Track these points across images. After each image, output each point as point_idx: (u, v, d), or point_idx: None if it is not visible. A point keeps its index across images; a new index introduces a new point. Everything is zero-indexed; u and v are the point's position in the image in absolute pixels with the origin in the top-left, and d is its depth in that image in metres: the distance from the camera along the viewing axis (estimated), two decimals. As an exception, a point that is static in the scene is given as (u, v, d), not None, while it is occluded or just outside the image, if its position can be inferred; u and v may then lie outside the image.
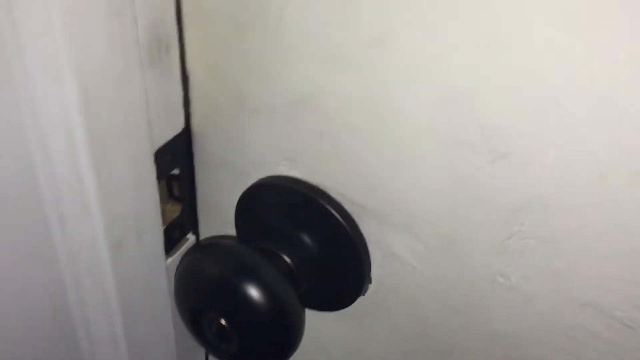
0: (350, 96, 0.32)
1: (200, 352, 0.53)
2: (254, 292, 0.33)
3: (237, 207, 0.40)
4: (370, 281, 0.39)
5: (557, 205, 0.28)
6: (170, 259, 0.44)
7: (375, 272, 0.38)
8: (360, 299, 0.39)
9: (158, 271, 0.41)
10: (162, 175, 0.40)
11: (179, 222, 0.44)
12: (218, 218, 0.44)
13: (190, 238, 0.46)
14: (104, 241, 0.34)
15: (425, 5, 0.27)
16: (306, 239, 0.38)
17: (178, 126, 0.40)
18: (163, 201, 0.43)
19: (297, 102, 0.34)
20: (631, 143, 0.25)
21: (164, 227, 0.42)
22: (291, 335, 0.35)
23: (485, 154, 0.29)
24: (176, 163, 0.41)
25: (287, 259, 0.38)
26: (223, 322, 0.34)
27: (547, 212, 0.29)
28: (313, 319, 0.43)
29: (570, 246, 0.29)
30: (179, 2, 0.35)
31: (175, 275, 0.39)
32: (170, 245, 0.44)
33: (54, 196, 0.31)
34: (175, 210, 0.45)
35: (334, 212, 0.36)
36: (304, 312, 0.36)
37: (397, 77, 0.30)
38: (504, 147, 0.28)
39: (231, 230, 0.43)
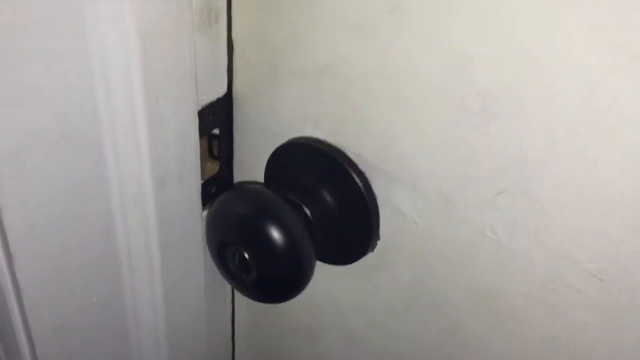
0: (367, 61, 0.37)
1: (227, 287, 0.57)
2: (274, 231, 0.38)
3: (267, 164, 0.46)
4: (378, 237, 0.43)
5: (537, 162, 0.32)
6: (205, 212, 0.49)
7: (383, 228, 0.42)
8: (369, 255, 0.44)
9: (194, 217, 0.47)
10: (204, 132, 0.45)
11: (216, 179, 0.50)
12: (251, 177, 0.50)
13: (225, 196, 0.52)
14: (149, 177, 0.40)
15: (434, -18, 0.32)
16: (324, 194, 0.43)
17: (221, 90, 0.45)
18: (203, 158, 0.48)
19: (322, 67, 0.39)
20: (600, 104, 0.29)
21: (202, 181, 0.48)
22: (302, 272, 0.39)
23: (480, 115, 0.33)
24: (217, 123, 0.47)
25: (306, 210, 0.42)
26: (246, 254, 0.39)
27: (530, 169, 0.33)
28: (324, 272, 0.47)
29: (550, 201, 0.33)
30: (229, -24, 0.41)
31: (207, 212, 0.44)
32: (207, 199, 0.49)
33: (112, 130, 0.37)
34: (213, 167, 0.50)
35: (349, 170, 0.41)
36: (314, 256, 0.41)
37: (408, 44, 0.34)
38: (495, 108, 0.32)
39: (261, 188, 0.48)
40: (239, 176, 0.51)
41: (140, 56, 0.34)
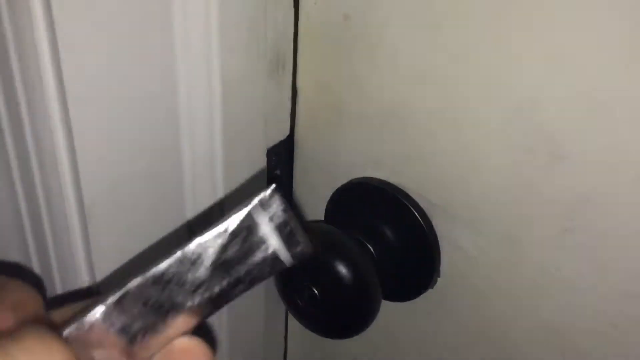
0: (430, 106, 0.39)
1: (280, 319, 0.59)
2: (344, 268, 0.40)
3: (328, 203, 0.47)
4: (439, 274, 0.44)
5: (603, 201, 0.34)
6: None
7: (443, 265, 0.44)
8: (429, 291, 0.45)
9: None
10: (268, 173, 0.47)
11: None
12: (310, 216, 0.51)
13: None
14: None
15: (497, 28, 0.34)
16: (386, 231, 0.44)
17: (284, 133, 0.48)
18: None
19: (386, 112, 0.41)
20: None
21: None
22: (370, 309, 0.41)
23: (543, 157, 0.35)
24: (279, 165, 0.49)
25: (370, 247, 0.44)
26: (315, 290, 0.41)
27: (596, 208, 0.34)
28: (383, 308, 0.48)
29: (615, 239, 0.34)
30: (297, 26, 0.43)
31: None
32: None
33: (191, 170, 0.39)
34: (273, 207, 0.52)
35: (411, 209, 0.42)
36: (381, 293, 0.42)
37: (472, 90, 0.36)
38: (561, 150, 0.34)
39: (320, 227, 0.50)
40: (297, 216, 0.53)
41: (222, 101, 0.37)
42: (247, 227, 0.22)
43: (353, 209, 0.46)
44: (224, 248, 0.22)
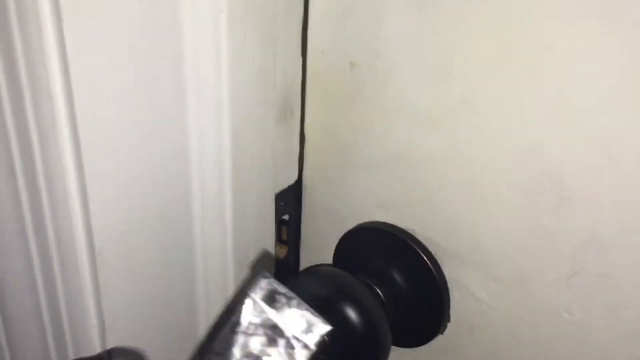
0: (437, 151, 0.39)
1: None
2: (354, 313, 0.39)
3: (336, 247, 0.47)
4: (449, 319, 0.44)
5: (614, 245, 0.33)
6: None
7: (453, 310, 0.43)
8: (439, 337, 0.44)
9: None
10: (276, 217, 0.48)
11: (284, 263, 0.52)
12: (318, 260, 0.51)
13: (292, 279, 0.53)
14: (231, 258, 0.42)
15: (503, 73, 0.34)
16: (395, 275, 0.44)
17: (292, 178, 0.48)
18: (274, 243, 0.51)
19: (393, 157, 0.42)
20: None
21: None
22: (379, 354, 0.40)
23: (551, 199, 0.35)
24: (287, 209, 0.49)
25: (379, 291, 0.44)
26: (325, 335, 0.40)
27: (606, 251, 0.34)
28: (393, 355, 0.48)
29: (627, 282, 0.34)
30: (304, 73, 0.44)
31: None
32: (275, 282, 0.51)
33: (200, 214, 0.40)
34: (282, 252, 0.52)
35: (420, 253, 0.42)
36: (390, 338, 0.42)
37: (478, 134, 0.37)
38: (568, 193, 0.34)
39: (328, 271, 0.49)
40: (305, 260, 0.53)
41: (232, 147, 0.37)
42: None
43: (361, 253, 0.46)
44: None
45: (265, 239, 0.45)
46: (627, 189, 0.32)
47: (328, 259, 0.49)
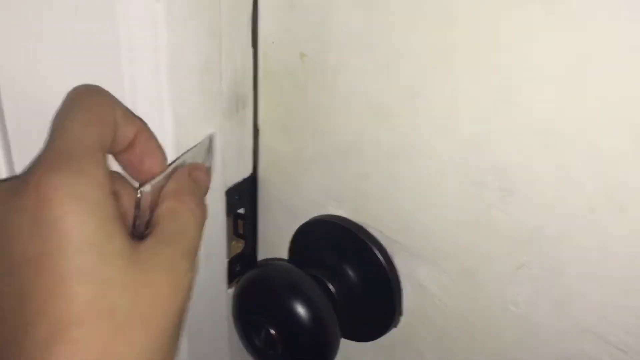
0: (387, 144, 0.39)
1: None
2: (300, 307, 0.39)
3: (291, 241, 0.47)
4: (401, 313, 0.43)
5: (555, 237, 0.33)
6: (230, 290, 0.50)
7: (405, 304, 0.43)
8: (392, 330, 0.44)
9: (220, 294, 0.48)
10: (230, 211, 0.47)
11: (241, 257, 0.51)
12: (275, 254, 0.51)
13: (249, 274, 0.53)
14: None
15: (447, 66, 0.34)
16: (347, 270, 0.44)
17: (246, 171, 0.48)
18: (229, 237, 0.50)
19: (345, 150, 0.41)
20: (615, 181, 0.30)
21: (228, 259, 0.49)
22: (328, 348, 0.40)
23: (496, 192, 0.35)
24: (242, 203, 0.49)
25: (330, 286, 0.43)
26: (272, 331, 0.40)
27: (548, 244, 0.34)
28: (347, 348, 0.47)
29: (569, 275, 0.34)
30: (256, 67, 0.44)
31: (234, 289, 0.45)
32: (232, 277, 0.50)
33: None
34: (238, 246, 0.52)
35: (372, 247, 0.42)
36: (339, 333, 0.41)
37: (426, 127, 0.37)
38: (511, 185, 0.34)
39: (284, 266, 0.49)
40: (263, 254, 0.52)
41: (174, 141, 0.37)
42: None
43: (315, 247, 0.46)
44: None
45: (217, 233, 0.44)
46: (566, 183, 0.32)
47: (285, 253, 0.49)
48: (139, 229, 0.31)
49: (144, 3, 0.32)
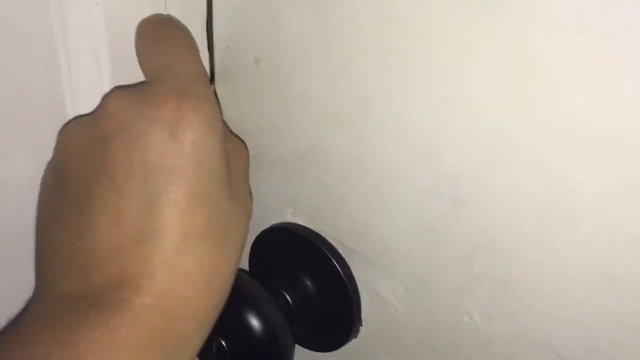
0: (342, 151, 0.38)
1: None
2: (251, 318, 0.38)
3: (250, 249, 0.46)
4: (361, 323, 0.42)
5: (507, 248, 0.33)
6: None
7: (365, 314, 0.42)
8: (352, 341, 0.43)
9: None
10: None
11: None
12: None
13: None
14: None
15: (401, 75, 0.33)
16: (305, 279, 0.43)
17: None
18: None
19: (301, 156, 0.40)
20: (565, 193, 0.30)
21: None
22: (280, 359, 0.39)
23: (448, 201, 0.34)
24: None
25: (287, 296, 0.42)
26: (223, 342, 0.39)
27: (500, 255, 0.33)
28: (305, 358, 0.46)
29: (521, 287, 0.33)
30: (213, 71, 0.43)
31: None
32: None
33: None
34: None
35: (329, 255, 0.41)
36: (293, 343, 0.40)
37: (379, 134, 0.36)
38: (462, 194, 0.33)
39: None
40: (224, 261, 0.51)
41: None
42: None
43: (273, 256, 0.45)
44: None
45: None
46: (515, 194, 0.31)
47: (245, 261, 0.48)
48: None
49: (82, 6, 0.31)
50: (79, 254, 0.27)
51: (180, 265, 0.27)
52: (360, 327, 0.43)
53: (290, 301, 0.42)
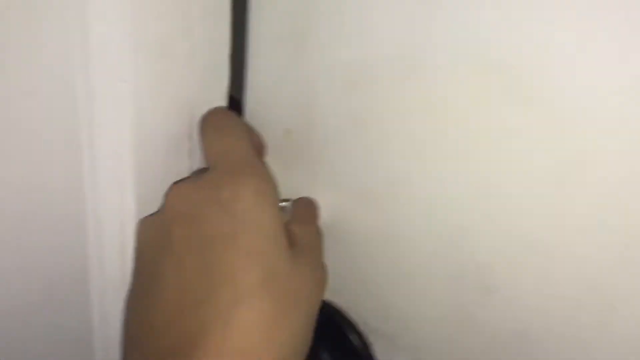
0: (369, 228, 0.38)
1: None
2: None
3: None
4: (380, 403, 0.41)
5: (538, 339, 0.32)
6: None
7: (384, 394, 0.41)
8: (370, 421, 0.42)
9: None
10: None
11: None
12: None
13: None
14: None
15: (432, 159, 0.33)
16: (323, 354, 0.42)
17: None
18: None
19: (327, 228, 0.40)
20: (599, 290, 0.29)
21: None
22: None
23: (478, 288, 0.33)
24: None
25: (306, 372, 0.41)
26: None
27: (530, 345, 0.32)
28: None
29: (553, 380, 0.32)
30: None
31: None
32: None
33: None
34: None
35: (348, 330, 0.40)
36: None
37: (407, 215, 0.35)
38: (492, 282, 0.33)
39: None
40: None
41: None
42: None
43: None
44: None
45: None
46: (551, 287, 0.30)
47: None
48: None
49: (110, 86, 0.31)
50: (148, 328, 0.31)
51: (234, 317, 0.29)
52: (379, 408, 0.41)
53: (308, 377, 0.41)
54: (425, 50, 0.31)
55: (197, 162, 0.38)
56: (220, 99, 0.38)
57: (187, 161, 0.37)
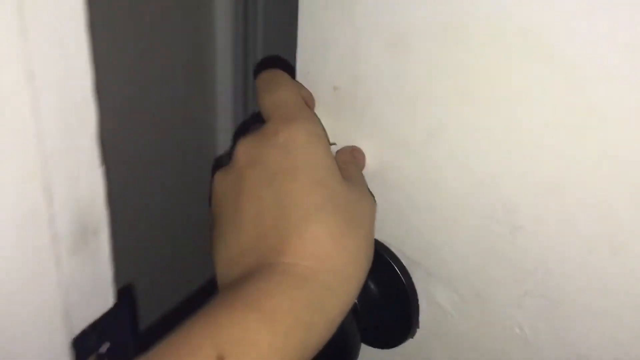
0: (408, 175, 0.42)
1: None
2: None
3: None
4: (418, 326, 0.47)
5: (556, 271, 0.37)
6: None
7: (422, 318, 0.47)
8: (409, 340, 0.48)
9: None
10: (88, 353, 0.40)
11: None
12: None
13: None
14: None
15: (466, 111, 0.38)
16: (370, 284, 0.48)
17: (106, 305, 0.40)
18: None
19: (370, 173, 0.45)
20: (613, 225, 0.34)
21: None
22: (349, 355, 0.44)
23: (505, 226, 0.38)
24: (105, 338, 0.41)
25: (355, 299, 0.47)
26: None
27: (550, 277, 0.37)
28: (367, 354, 0.52)
29: (567, 306, 0.37)
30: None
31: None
32: None
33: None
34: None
35: (393, 264, 0.46)
36: (360, 342, 0.46)
37: (443, 164, 0.40)
38: (518, 221, 0.37)
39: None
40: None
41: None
42: None
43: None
44: None
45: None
46: (567, 226, 0.35)
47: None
48: None
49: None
50: (238, 253, 0.38)
51: (307, 230, 0.35)
52: (417, 329, 0.47)
53: (356, 303, 0.47)
54: (460, 16, 0.35)
55: (68, 221, 0.35)
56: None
57: (48, 229, 0.33)
